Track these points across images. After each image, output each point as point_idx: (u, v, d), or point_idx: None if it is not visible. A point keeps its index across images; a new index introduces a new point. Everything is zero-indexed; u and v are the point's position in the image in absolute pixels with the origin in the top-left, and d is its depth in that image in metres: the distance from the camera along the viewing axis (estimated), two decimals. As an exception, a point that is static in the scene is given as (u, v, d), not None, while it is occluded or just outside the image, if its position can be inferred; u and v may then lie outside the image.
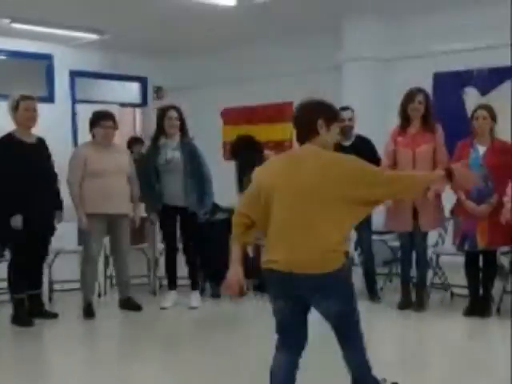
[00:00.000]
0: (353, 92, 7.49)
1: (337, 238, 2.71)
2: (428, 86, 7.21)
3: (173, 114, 5.45)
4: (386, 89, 7.37)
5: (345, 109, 5.60)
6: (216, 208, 6.00)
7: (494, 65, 6.89)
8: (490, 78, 6.94)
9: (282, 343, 2.90)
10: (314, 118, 2.83)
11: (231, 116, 9.42)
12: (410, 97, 5.18)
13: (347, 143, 5.56)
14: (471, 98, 6.97)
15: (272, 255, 2.80)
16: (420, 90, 5.23)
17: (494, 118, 4.98)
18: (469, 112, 5.39)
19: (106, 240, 5.55)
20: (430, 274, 5.55)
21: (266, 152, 6.43)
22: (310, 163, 2.76)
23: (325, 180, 2.70)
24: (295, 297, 2.78)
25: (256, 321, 5.29)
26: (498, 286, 5.21)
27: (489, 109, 5.00)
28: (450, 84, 7.17)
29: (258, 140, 6.64)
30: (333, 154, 2.86)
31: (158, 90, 9.92)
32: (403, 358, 4.39)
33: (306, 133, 2.85)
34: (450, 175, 2.81)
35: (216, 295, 5.93)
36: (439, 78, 7.27)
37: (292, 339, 2.88)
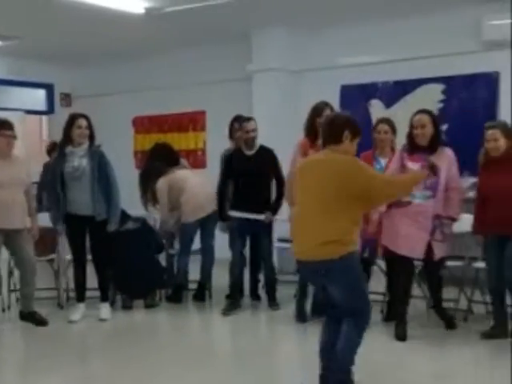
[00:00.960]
0: (263, 103, 7.61)
1: (335, 229, 3.32)
2: (335, 98, 7.46)
3: (82, 122, 5.32)
4: (295, 100, 7.51)
5: (248, 120, 5.70)
6: (126, 217, 5.91)
7: (397, 78, 7.18)
8: (394, 91, 7.22)
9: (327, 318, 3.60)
10: (341, 128, 3.48)
11: (143, 124, 9.32)
12: (317, 111, 5.15)
13: (250, 153, 5.65)
14: (377, 109, 7.24)
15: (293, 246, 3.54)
16: (327, 105, 5.23)
17: (394, 131, 5.14)
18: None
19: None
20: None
21: (182, 160, 6.44)
22: (327, 165, 3.45)
23: (325, 178, 3.38)
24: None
25: (167, 332, 5.24)
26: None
27: (389, 122, 5.16)
28: (357, 96, 7.40)
29: (174, 149, 6.62)
30: (340, 157, 3.46)
31: (66, 97, 9.69)
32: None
33: (331, 140, 3.49)
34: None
35: (127, 307, 5.83)
36: (346, 90, 7.50)
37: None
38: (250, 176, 5.60)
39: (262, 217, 5.62)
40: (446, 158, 4.68)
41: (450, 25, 6.74)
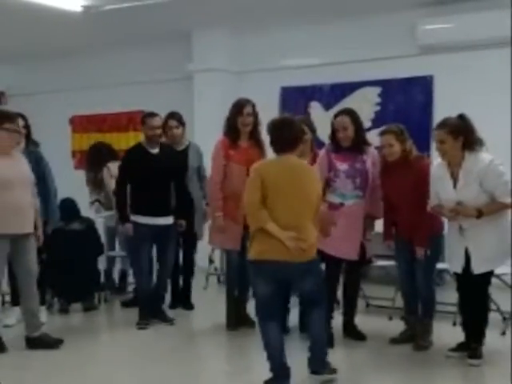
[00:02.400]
0: (204, 103, 7.61)
1: (314, 231, 3.75)
2: (275, 100, 7.54)
3: (19, 122, 5.17)
4: (237, 101, 7.52)
5: (152, 115, 5.34)
6: (75, 215, 5.84)
7: (336, 81, 7.29)
8: (333, 93, 7.34)
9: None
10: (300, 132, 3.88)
11: (81, 124, 9.16)
12: (238, 108, 4.93)
13: (154, 151, 5.30)
14: (316, 112, 7.34)
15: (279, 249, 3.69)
16: (248, 101, 4.98)
17: (313, 131, 4.95)
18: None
19: None
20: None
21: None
22: (302, 171, 3.78)
23: (309, 184, 3.74)
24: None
25: (104, 336, 5.17)
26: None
27: (307, 122, 4.95)
28: (297, 98, 7.49)
29: (113, 148, 6.55)
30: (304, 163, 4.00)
31: (1, 96, 9.43)
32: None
33: (289, 144, 3.74)
34: None
35: (64, 310, 5.72)
36: (286, 92, 7.58)
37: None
38: (153, 176, 5.18)
39: (167, 221, 5.23)
40: (371, 157, 4.70)
41: (387, 29, 6.91)
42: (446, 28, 6.55)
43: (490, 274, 4.19)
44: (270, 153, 4.31)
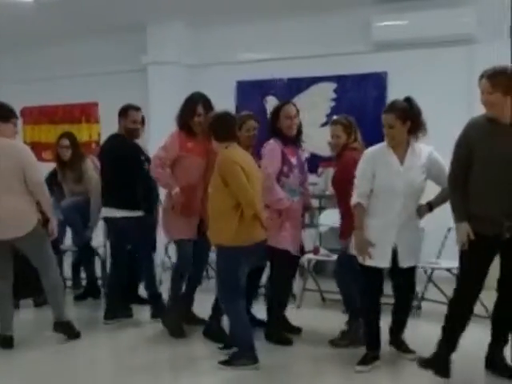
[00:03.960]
0: (158, 95, 7.53)
1: None
2: (231, 94, 7.52)
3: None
4: (192, 94, 7.46)
5: (136, 109, 5.30)
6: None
7: (292, 75, 7.31)
8: (288, 88, 7.36)
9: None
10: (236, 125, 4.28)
11: (32, 115, 8.96)
12: (190, 107, 4.83)
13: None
14: (272, 106, 7.30)
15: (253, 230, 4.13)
16: (200, 99, 4.85)
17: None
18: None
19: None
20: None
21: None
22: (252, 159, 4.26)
23: (258, 171, 4.27)
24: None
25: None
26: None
27: (255, 118, 4.94)
28: (252, 92, 7.48)
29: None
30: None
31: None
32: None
33: (233, 135, 4.17)
34: None
35: (14, 306, 5.56)
36: (242, 86, 7.56)
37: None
38: (139, 169, 5.18)
39: (135, 214, 5.11)
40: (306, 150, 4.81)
41: (343, 25, 6.96)
42: (400, 25, 6.62)
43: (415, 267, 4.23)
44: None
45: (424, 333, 4.52)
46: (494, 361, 3.89)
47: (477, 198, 3.60)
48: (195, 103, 4.83)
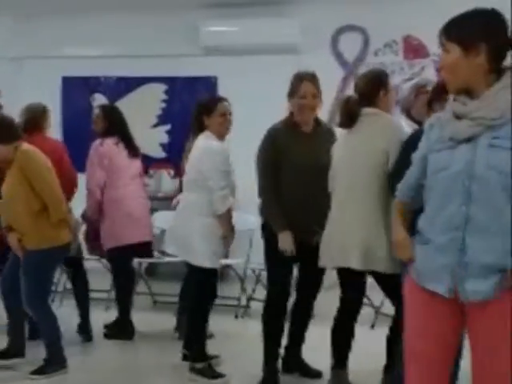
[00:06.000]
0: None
1: None
2: (57, 89, 7.18)
3: None
4: (15, 89, 6.96)
5: None
6: None
7: (121, 74, 7.16)
8: (117, 87, 7.19)
9: None
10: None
11: None
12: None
13: None
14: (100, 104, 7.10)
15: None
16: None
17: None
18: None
19: None
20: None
21: None
22: None
23: None
24: None
25: None
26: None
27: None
28: (79, 89, 7.22)
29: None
30: None
31: None
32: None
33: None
34: None
35: None
36: (68, 82, 7.26)
37: None
38: None
39: None
40: None
41: (173, 27, 6.93)
42: (229, 31, 6.74)
43: None
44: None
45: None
46: (294, 362, 3.93)
47: (287, 206, 3.58)
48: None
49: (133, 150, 4.81)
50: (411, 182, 2.28)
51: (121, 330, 4.68)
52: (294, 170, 3.59)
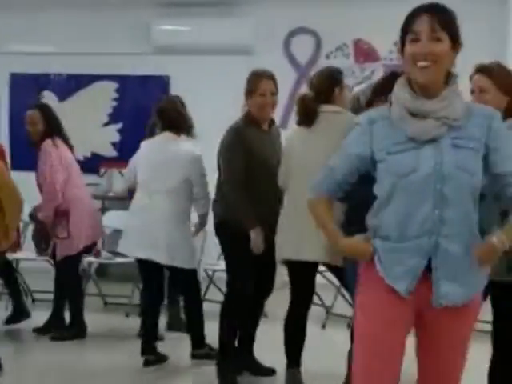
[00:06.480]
0: None
1: None
2: (5, 86, 7.01)
3: None
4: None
5: None
6: None
7: (71, 71, 7.03)
8: (67, 84, 7.06)
9: None
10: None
11: None
12: None
13: None
14: (49, 102, 6.89)
15: None
16: None
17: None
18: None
19: None
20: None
21: None
22: None
23: None
24: None
25: None
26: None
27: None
28: (27, 86, 7.04)
29: None
30: None
31: None
32: None
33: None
34: None
35: None
36: (16, 79, 7.10)
37: None
38: None
39: None
40: None
41: (125, 25, 6.84)
42: (181, 30, 6.70)
43: None
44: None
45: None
46: (245, 360, 3.91)
47: (255, 204, 3.58)
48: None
49: (71, 148, 4.74)
50: (338, 179, 2.14)
51: (72, 329, 4.62)
52: (260, 168, 3.61)
